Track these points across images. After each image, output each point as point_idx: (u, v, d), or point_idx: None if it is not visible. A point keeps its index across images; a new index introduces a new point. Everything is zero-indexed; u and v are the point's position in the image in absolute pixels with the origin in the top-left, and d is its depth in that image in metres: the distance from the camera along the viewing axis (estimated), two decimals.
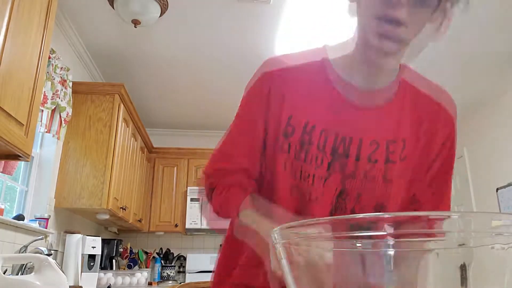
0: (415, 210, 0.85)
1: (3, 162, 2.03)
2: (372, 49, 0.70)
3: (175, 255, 4.41)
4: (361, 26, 0.73)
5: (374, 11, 0.66)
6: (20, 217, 2.30)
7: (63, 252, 2.83)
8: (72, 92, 2.80)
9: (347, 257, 0.36)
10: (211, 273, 0.93)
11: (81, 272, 2.79)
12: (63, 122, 2.65)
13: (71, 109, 2.76)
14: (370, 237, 0.34)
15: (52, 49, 2.47)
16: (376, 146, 0.78)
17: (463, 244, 0.33)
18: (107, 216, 3.14)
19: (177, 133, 4.84)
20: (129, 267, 4.04)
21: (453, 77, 3.54)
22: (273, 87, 0.82)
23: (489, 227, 0.32)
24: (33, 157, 2.69)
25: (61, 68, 2.61)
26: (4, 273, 1.67)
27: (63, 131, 2.66)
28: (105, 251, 3.67)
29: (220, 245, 0.95)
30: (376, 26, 0.66)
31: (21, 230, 2.31)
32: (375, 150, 0.78)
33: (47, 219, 2.55)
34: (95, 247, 2.94)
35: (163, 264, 4.31)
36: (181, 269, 4.42)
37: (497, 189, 3.72)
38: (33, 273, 1.75)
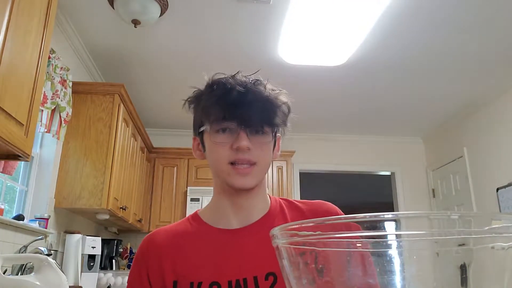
0: None
1: (3, 162, 2.03)
2: (233, 186, 0.80)
3: None
4: (217, 174, 0.83)
5: (227, 159, 0.78)
6: (20, 217, 2.30)
7: (63, 252, 2.83)
8: (72, 92, 2.80)
9: (347, 257, 0.36)
10: None
11: (81, 272, 2.79)
12: (63, 122, 2.65)
13: (71, 109, 2.76)
14: (370, 237, 0.34)
15: (52, 49, 2.47)
16: (273, 279, 0.75)
17: (463, 244, 0.33)
18: (107, 216, 3.14)
19: (177, 133, 4.84)
20: (129, 267, 4.04)
21: (453, 77, 3.54)
22: (150, 252, 0.83)
23: (489, 227, 0.32)
24: (33, 157, 2.69)
25: (61, 68, 2.61)
26: (4, 273, 1.67)
27: (63, 131, 2.66)
28: (105, 251, 3.67)
29: None
30: (232, 170, 0.79)
31: (21, 230, 2.31)
32: (273, 284, 0.75)
33: (47, 219, 2.55)
34: (95, 247, 2.94)
35: None
36: None
37: (497, 189, 3.72)
38: (33, 273, 1.75)
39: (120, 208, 3.14)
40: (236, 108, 0.77)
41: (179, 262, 0.80)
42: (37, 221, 2.47)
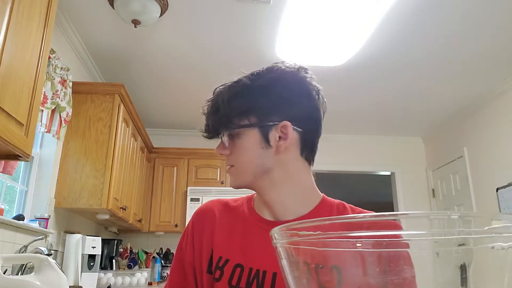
0: None
1: (3, 162, 2.03)
2: None
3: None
4: None
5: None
6: (20, 217, 2.30)
7: (63, 252, 2.83)
8: (72, 92, 2.80)
9: (347, 258, 0.36)
10: None
11: (81, 272, 2.79)
12: (63, 122, 2.65)
13: (71, 109, 2.76)
14: (370, 237, 0.34)
15: (52, 49, 2.47)
16: None
17: (463, 244, 0.33)
18: (107, 216, 3.14)
19: (177, 133, 4.84)
20: (129, 267, 4.04)
21: (453, 77, 3.54)
22: (196, 218, 0.89)
23: (489, 227, 0.32)
24: (33, 157, 2.69)
25: (61, 68, 2.61)
26: (4, 273, 1.67)
27: (63, 131, 2.66)
28: (105, 251, 3.67)
29: None
30: None
31: (21, 230, 2.31)
32: None
33: (47, 219, 2.55)
34: (95, 247, 2.94)
35: (163, 264, 4.31)
36: None
37: (497, 189, 3.72)
38: (33, 273, 1.75)
39: (120, 208, 3.14)
40: (206, 120, 0.83)
41: (217, 234, 0.84)
42: (37, 221, 2.47)
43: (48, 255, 2.09)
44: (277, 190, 0.80)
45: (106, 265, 3.67)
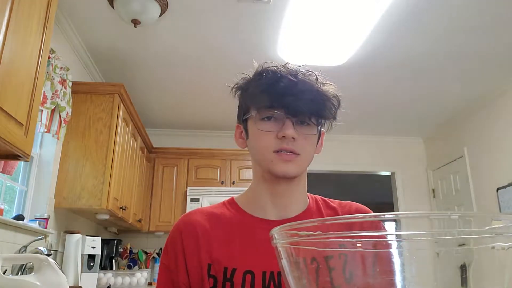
0: None
1: (2, 162, 2.03)
2: (275, 173, 0.79)
3: None
4: (260, 162, 0.82)
5: (271, 147, 0.78)
6: (20, 217, 2.30)
7: (63, 252, 2.83)
8: (72, 92, 2.80)
9: (347, 257, 0.36)
10: None
11: (81, 272, 2.79)
12: (62, 122, 2.65)
13: (70, 109, 2.76)
14: (370, 237, 0.34)
15: (52, 49, 2.47)
16: None
17: (463, 244, 0.33)
18: (107, 216, 3.14)
19: (177, 133, 4.84)
20: (129, 267, 4.04)
21: (453, 77, 3.54)
22: (187, 231, 0.82)
23: (489, 227, 0.32)
24: (33, 157, 2.69)
25: (61, 68, 2.61)
26: (4, 273, 1.67)
27: (62, 131, 2.66)
28: (105, 251, 3.67)
29: None
30: (276, 157, 0.78)
31: (21, 230, 2.31)
32: None
33: (47, 219, 2.55)
34: (95, 247, 2.94)
35: None
36: None
37: (497, 189, 3.72)
38: (33, 273, 1.74)
39: (120, 208, 3.14)
40: (285, 96, 0.77)
41: (215, 245, 0.79)
42: (37, 221, 2.47)
43: (48, 255, 2.09)
44: (300, 187, 0.85)
45: (106, 265, 3.67)
